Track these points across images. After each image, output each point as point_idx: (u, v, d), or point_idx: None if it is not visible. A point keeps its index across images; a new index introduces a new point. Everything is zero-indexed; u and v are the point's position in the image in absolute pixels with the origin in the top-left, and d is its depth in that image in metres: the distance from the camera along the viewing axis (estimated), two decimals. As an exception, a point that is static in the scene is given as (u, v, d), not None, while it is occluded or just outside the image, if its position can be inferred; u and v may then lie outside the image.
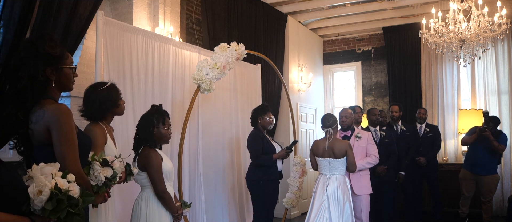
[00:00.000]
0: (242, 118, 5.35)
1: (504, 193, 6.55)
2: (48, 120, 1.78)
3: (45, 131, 1.79)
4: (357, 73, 8.40)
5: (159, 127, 2.86)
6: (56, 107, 1.81)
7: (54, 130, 1.77)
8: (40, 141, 1.81)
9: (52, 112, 1.78)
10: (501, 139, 5.39)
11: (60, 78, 1.89)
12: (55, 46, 1.85)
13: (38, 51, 1.80)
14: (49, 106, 1.81)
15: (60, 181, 1.51)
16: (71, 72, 1.94)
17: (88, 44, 4.70)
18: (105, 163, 2.12)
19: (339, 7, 7.38)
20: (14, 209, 1.40)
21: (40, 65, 1.80)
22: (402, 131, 5.83)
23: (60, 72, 1.88)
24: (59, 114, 1.79)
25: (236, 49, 4.18)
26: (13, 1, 2.84)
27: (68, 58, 1.94)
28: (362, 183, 4.32)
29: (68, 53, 1.95)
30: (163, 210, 2.80)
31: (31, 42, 1.83)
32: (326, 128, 4.06)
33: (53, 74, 1.85)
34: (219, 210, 4.95)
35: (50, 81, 1.85)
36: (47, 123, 1.78)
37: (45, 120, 1.78)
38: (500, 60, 6.89)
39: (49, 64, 1.83)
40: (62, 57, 1.89)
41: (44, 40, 1.83)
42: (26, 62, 1.79)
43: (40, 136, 1.80)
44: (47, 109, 1.79)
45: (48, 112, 1.78)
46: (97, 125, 2.49)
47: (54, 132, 1.77)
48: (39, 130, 1.79)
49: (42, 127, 1.79)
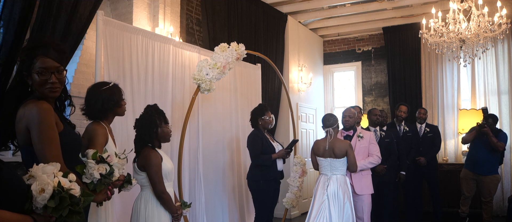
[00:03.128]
0: (242, 118, 5.35)
1: (504, 193, 6.55)
2: (26, 119, 1.77)
3: (26, 131, 1.78)
4: (357, 73, 8.40)
5: (161, 126, 2.87)
6: (34, 105, 1.79)
7: (32, 129, 1.76)
8: (23, 141, 1.80)
9: (30, 110, 1.77)
10: (500, 137, 5.40)
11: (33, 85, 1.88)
12: (24, 49, 1.89)
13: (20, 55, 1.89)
14: (29, 105, 1.80)
15: (62, 180, 1.51)
16: (39, 79, 1.84)
17: (88, 44, 4.71)
18: (101, 160, 2.11)
19: (339, 7, 7.38)
20: (15, 208, 1.40)
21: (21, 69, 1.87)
22: (405, 131, 5.83)
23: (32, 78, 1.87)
24: (37, 111, 1.77)
25: (236, 49, 4.18)
26: (13, 1, 2.84)
27: (37, 63, 1.84)
28: (364, 183, 4.32)
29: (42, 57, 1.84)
30: (162, 210, 2.80)
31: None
32: (327, 128, 4.06)
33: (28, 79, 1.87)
34: (219, 210, 4.94)
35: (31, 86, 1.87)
36: (26, 122, 1.77)
37: (24, 120, 1.77)
38: (500, 60, 6.89)
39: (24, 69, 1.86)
40: (30, 62, 1.86)
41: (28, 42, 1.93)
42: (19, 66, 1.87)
43: (22, 136, 1.79)
44: (26, 108, 1.79)
45: (27, 111, 1.78)
46: (99, 124, 2.48)
47: (32, 131, 1.76)
48: (20, 130, 1.78)
49: (23, 126, 1.78)
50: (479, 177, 5.49)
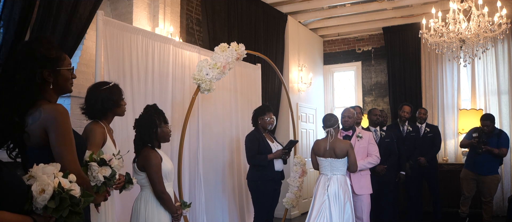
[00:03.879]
0: (242, 118, 5.35)
1: (504, 193, 6.56)
2: (45, 120, 1.75)
3: (42, 132, 1.76)
4: (357, 73, 8.40)
5: (161, 126, 2.87)
6: (53, 108, 1.79)
7: (51, 131, 1.75)
8: (36, 143, 1.77)
9: (49, 113, 1.76)
10: (502, 139, 5.38)
11: (57, 80, 1.87)
12: (51, 48, 1.83)
13: (34, 54, 1.78)
14: (46, 107, 1.78)
15: (62, 181, 1.51)
16: (69, 73, 1.93)
17: (88, 44, 4.70)
18: (102, 163, 2.12)
19: (339, 7, 7.38)
20: (15, 208, 1.40)
21: (37, 67, 1.78)
22: (408, 131, 5.83)
23: (57, 74, 1.86)
24: (57, 114, 1.76)
25: (236, 49, 4.18)
26: (13, 1, 2.85)
27: (65, 60, 1.92)
28: (363, 183, 4.32)
29: (65, 55, 1.94)
30: (162, 210, 2.80)
31: (27, 45, 1.82)
32: (327, 128, 4.06)
33: (50, 76, 1.83)
34: (219, 210, 4.94)
35: (47, 84, 1.83)
36: (44, 124, 1.75)
37: (41, 121, 1.75)
38: (500, 60, 6.89)
39: (46, 66, 1.81)
40: (59, 59, 1.87)
41: (40, 42, 1.82)
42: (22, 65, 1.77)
43: (37, 137, 1.77)
44: (43, 109, 1.77)
45: (45, 113, 1.76)
46: (98, 124, 2.49)
47: (52, 133, 1.75)
48: (35, 131, 1.76)
49: (38, 128, 1.76)
50: (479, 177, 5.49)
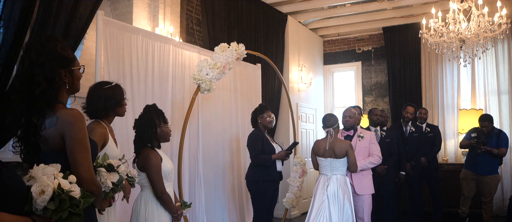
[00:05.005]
0: (242, 118, 5.35)
1: (504, 193, 6.55)
2: (62, 126, 1.72)
3: (59, 137, 1.73)
4: (357, 73, 8.40)
5: (161, 126, 2.87)
6: (70, 113, 1.75)
7: (68, 136, 1.71)
8: (52, 147, 1.74)
9: (66, 118, 1.73)
10: (501, 139, 5.38)
11: (72, 80, 1.83)
12: (65, 48, 1.79)
13: (52, 54, 1.73)
14: (62, 111, 1.74)
15: (62, 182, 1.51)
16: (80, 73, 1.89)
17: (88, 44, 4.71)
18: (110, 168, 2.12)
19: (339, 7, 7.38)
20: (15, 209, 1.40)
21: (56, 67, 1.73)
22: (411, 132, 5.83)
23: (72, 74, 1.82)
24: (74, 119, 1.73)
25: (236, 49, 4.18)
26: (13, 1, 2.84)
27: (76, 59, 1.89)
28: (364, 183, 4.31)
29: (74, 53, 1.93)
30: (162, 210, 2.81)
31: (42, 44, 1.75)
32: (327, 128, 4.06)
33: (66, 77, 1.79)
34: (219, 210, 4.95)
35: (63, 84, 1.79)
36: (61, 129, 1.72)
37: (58, 126, 1.72)
38: (500, 60, 6.89)
39: (63, 66, 1.77)
40: (74, 59, 1.85)
41: (55, 41, 1.77)
42: (40, 65, 1.70)
43: (53, 142, 1.73)
44: (60, 114, 1.73)
45: (62, 118, 1.72)
46: (99, 123, 2.48)
47: (68, 139, 1.71)
48: (52, 136, 1.73)
49: (55, 133, 1.73)
50: (479, 177, 5.49)
